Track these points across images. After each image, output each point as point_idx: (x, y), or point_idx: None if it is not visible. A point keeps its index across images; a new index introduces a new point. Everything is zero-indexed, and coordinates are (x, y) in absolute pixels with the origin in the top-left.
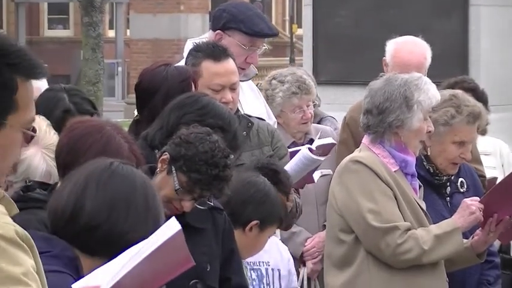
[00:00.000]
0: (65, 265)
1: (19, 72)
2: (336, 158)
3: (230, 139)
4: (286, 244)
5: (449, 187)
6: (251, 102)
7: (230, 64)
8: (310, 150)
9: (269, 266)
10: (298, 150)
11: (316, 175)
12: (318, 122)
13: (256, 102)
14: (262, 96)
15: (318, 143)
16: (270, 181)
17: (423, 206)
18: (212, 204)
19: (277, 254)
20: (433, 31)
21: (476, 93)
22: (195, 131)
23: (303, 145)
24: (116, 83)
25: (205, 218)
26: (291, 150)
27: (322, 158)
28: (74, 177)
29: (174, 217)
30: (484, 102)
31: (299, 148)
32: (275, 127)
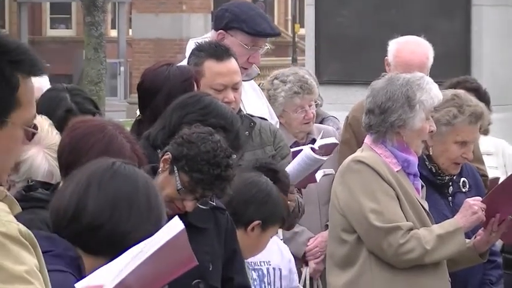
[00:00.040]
0: (67, 264)
1: (20, 69)
2: (338, 158)
3: (232, 139)
4: (289, 244)
5: (451, 187)
6: (253, 102)
7: (232, 64)
8: (313, 149)
9: (270, 265)
10: (301, 150)
11: (318, 175)
12: (320, 122)
13: (258, 102)
14: (264, 96)
15: (320, 142)
16: None
17: (425, 206)
18: (214, 204)
19: (278, 254)
20: (435, 31)
21: (479, 93)
22: (197, 130)
23: (304, 145)
24: (118, 82)
25: (207, 217)
26: (293, 149)
27: (325, 158)
28: (76, 177)
29: (177, 216)
30: (486, 102)
31: (301, 148)
32: (277, 127)
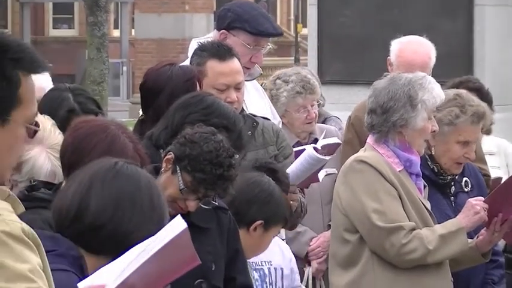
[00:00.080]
0: (70, 264)
1: (21, 67)
2: (341, 158)
3: (235, 139)
4: (291, 243)
5: (453, 187)
6: (256, 101)
7: (235, 64)
8: (316, 149)
9: (271, 265)
10: (303, 150)
11: (321, 174)
12: (323, 122)
13: (260, 102)
14: (266, 95)
15: (323, 142)
16: None
17: (428, 205)
18: (217, 203)
19: (279, 253)
20: (437, 31)
21: (481, 93)
22: (200, 130)
23: (307, 144)
24: (121, 82)
25: (209, 217)
26: (295, 149)
27: (328, 158)
28: (79, 177)
29: (180, 215)
30: (488, 102)
31: (304, 147)
32: (280, 127)
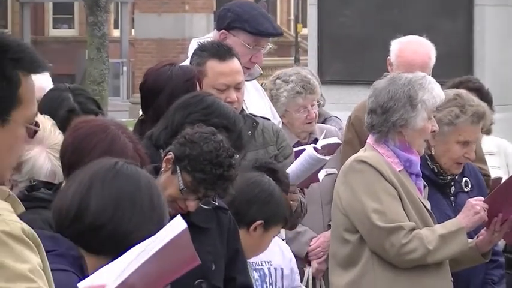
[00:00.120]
0: (70, 264)
1: (21, 67)
2: (341, 158)
3: (235, 139)
4: (291, 243)
5: (453, 187)
6: (256, 101)
7: (235, 64)
8: (316, 149)
9: (271, 265)
10: (303, 150)
11: (321, 174)
12: (323, 122)
13: (260, 102)
14: (266, 95)
15: (323, 142)
16: None
17: (428, 205)
18: (217, 203)
19: (279, 253)
20: (437, 31)
21: (481, 93)
22: (200, 130)
23: (307, 144)
24: (121, 82)
25: (209, 217)
26: (295, 149)
27: (328, 158)
28: (79, 177)
29: (180, 215)
30: (488, 102)
31: (304, 147)
32: (280, 127)
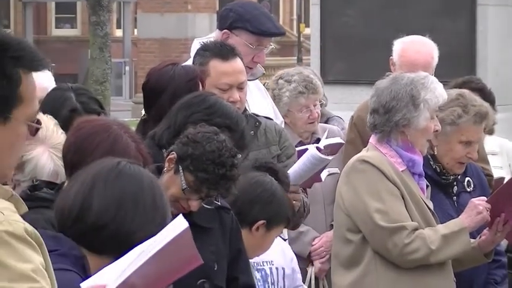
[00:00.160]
0: (72, 264)
1: (21, 65)
2: (343, 158)
3: (237, 138)
4: (294, 243)
5: (456, 186)
6: (258, 101)
7: (238, 63)
8: (318, 149)
9: (273, 265)
10: (306, 149)
11: (323, 174)
12: (325, 122)
13: (263, 102)
14: (269, 95)
15: (325, 142)
16: None
17: (430, 205)
18: (219, 203)
19: (280, 253)
20: (440, 31)
21: (484, 93)
22: (202, 130)
23: (309, 144)
24: (123, 82)
25: (212, 217)
26: (298, 149)
27: (330, 158)
28: (81, 177)
29: (181, 215)
30: (491, 102)
31: (306, 147)
32: (282, 126)
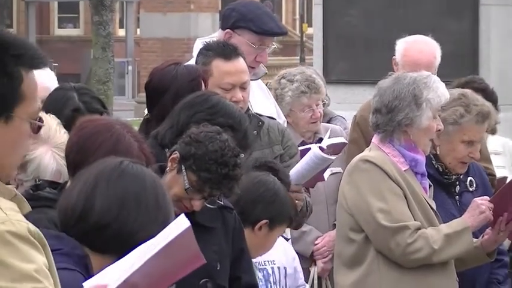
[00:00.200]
0: (75, 263)
1: (22, 63)
2: (346, 157)
3: (240, 138)
4: (297, 243)
5: (458, 186)
6: (261, 101)
7: (241, 63)
8: (321, 149)
9: (275, 264)
10: (309, 149)
11: (326, 173)
12: (328, 122)
13: (265, 101)
14: (271, 95)
15: (328, 142)
16: None
17: (433, 205)
18: (222, 203)
19: (282, 252)
20: (443, 30)
21: (486, 93)
22: (205, 130)
23: (311, 144)
24: (126, 81)
25: (215, 217)
26: (301, 148)
27: (333, 157)
28: (84, 176)
29: (184, 214)
30: (493, 102)
31: (309, 146)
32: (285, 126)
